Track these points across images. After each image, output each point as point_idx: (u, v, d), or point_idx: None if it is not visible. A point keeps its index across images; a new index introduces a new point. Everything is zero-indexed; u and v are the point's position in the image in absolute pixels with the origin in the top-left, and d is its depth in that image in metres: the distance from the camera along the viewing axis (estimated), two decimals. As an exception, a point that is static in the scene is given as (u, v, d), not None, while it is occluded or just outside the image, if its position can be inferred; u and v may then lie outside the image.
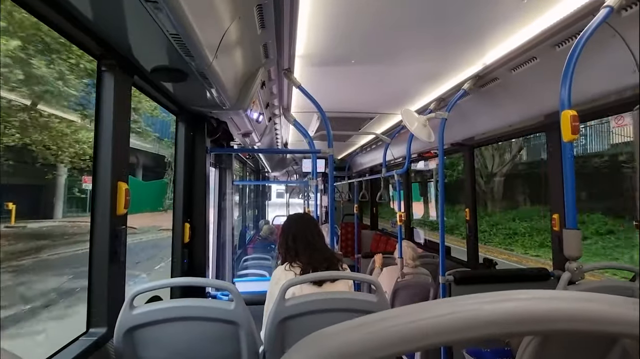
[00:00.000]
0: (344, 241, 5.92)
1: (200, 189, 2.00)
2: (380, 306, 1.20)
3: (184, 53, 1.09)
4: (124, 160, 1.28)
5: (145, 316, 1.10)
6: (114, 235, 1.20)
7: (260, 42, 1.58)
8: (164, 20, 0.91)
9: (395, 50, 1.84)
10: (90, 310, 1.19)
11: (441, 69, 2.07)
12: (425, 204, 12.44)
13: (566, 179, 1.16)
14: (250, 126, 2.34)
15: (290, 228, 1.59)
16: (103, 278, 1.18)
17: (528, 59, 1.73)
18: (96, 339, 1.14)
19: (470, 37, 1.66)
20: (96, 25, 1.02)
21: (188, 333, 1.13)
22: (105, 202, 1.18)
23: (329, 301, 1.20)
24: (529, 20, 1.48)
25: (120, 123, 1.25)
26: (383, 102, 2.83)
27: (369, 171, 5.81)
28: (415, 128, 2.17)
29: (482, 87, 2.12)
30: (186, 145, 1.96)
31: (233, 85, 1.63)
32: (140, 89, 1.45)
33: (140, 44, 1.15)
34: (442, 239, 2.16)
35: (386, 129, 3.62)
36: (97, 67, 1.19)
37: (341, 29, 1.61)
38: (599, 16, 1.18)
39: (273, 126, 3.34)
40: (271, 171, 7.73)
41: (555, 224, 1.97)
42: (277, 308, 1.16)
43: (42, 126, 7.51)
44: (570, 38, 1.49)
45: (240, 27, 1.29)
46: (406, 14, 1.46)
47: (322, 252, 1.50)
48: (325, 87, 2.42)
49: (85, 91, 8.15)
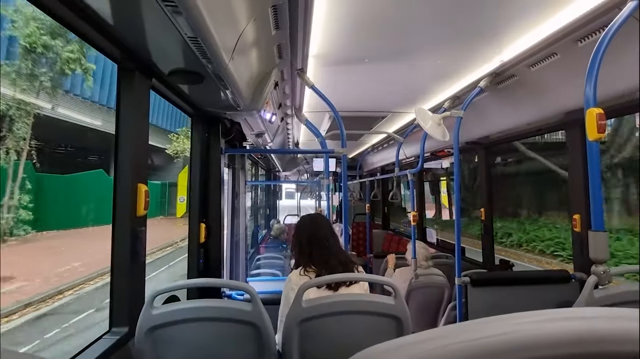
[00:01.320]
0: (355, 240, 5.90)
1: (215, 190, 2.02)
2: (398, 309, 1.18)
3: (202, 55, 1.10)
4: (143, 162, 1.30)
5: (165, 316, 1.12)
6: (135, 236, 1.22)
7: (275, 43, 1.58)
8: (183, 23, 0.91)
9: (409, 48, 1.82)
10: (112, 309, 1.21)
11: (456, 66, 2.03)
12: (437, 204, 12.28)
13: (593, 179, 1.12)
14: (263, 126, 2.35)
15: (304, 230, 1.54)
16: (124, 278, 1.20)
17: (548, 55, 1.68)
18: (118, 338, 1.16)
19: (486, 33, 1.62)
20: (117, 29, 1.04)
21: (206, 333, 1.14)
22: (126, 204, 1.21)
23: (347, 303, 1.19)
24: (549, 14, 1.44)
25: (139, 125, 1.27)
26: (396, 100, 2.80)
27: (381, 170, 5.76)
28: (429, 127, 2.14)
29: (498, 85, 2.08)
30: (201, 146, 1.98)
31: (247, 87, 1.64)
32: (157, 91, 1.47)
33: (158, 48, 1.16)
34: (458, 240, 2.12)
35: (398, 127, 3.58)
36: (117, 71, 1.22)
37: (354, 28, 1.59)
38: (626, 9, 1.14)
39: (285, 125, 3.35)
40: (282, 170, 7.76)
41: (577, 224, 1.91)
42: (294, 309, 1.16)
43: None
44: (593, 33, 1.44)
45: (255, 28, 1.29)
46: (420, 11, 1.44)
47: (338, 256, 1.45)
48: (338, 86, 2.40)
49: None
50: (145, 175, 1.31)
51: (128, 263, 1.20)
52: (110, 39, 1.07)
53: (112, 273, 1.21)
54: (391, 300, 1.20)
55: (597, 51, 1.14)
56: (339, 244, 1.57)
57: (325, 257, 1.43)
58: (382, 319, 1.18)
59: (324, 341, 1.17)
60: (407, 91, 2.55)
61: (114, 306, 1.21)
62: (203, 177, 1.98)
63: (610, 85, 1.47)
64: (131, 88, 1.22)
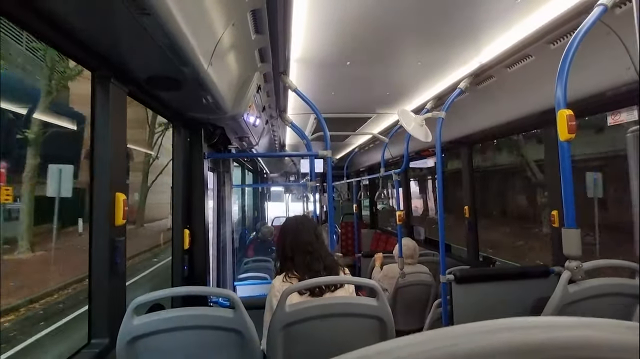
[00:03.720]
0: (344, 240, 5.93)
1: (199, 195, 2.00)
2: (380, 310, 1.20)
3: (178, 62, 1.09)
4: (122, 170, 1.28)
5: (147, 326, 1.10)
6: (113, 246, 1.20)
7: (255, 47, 1.57)
8: (156, 30, 0.90)
9: (391, 50, 1.84)
10: (91, 321, 1.19)
11: (437, 68, 2.07)
12: (424, 202, 12.43)
13: (564, 179, 1.16)
14: (247, 129, 2.34)
15: (288, 234, 1.50)
16: (103, 289, 1.18)
17: (523, 57, 1.73)
18: (98, 351, 1.14)
19: (465, 36, 1.66)
20: (90, 38, 1.02)
21: (190, 341, 1.13)
22: (104, 213, 1.18)
23: (329, 306, 1.20)
24: (523, 18, 1.48)
25: (117, 134, 1.24)
26: (380, 102, 2.83)
27: (368, 170, 5.81)
28: (412, 128, 2.17)
29: (478, 85, 2.12)
30: (184, 151, 1.95)
31: (229, 91, 1.63)
32: (135, 98, 1.44)
33: (134, 55, 1.14)
34: (442, 237, 2.16)
35: (383, 128, 3.62)
36: (91, 79, 1.19)
37: (336, 31, 1.60)
38: (593, 14, 1.18)
39: (271, 127, 3.33)
40: (270, 172, 7.72)
41: (554, 220, 1.98)
42: (278, 314, 1.16)
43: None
44: (565, 36, 1.49)
45: (234, 33, 1.28)
46: (400, 15, 1.46)
47: (323, 261, 1.42)
48: (321, 88, 2.41)
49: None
50: (124, 184, 1.29)
51: (107, 274, 1.18)
52: (83, 48, 1.05)
53: (90, 284, 1.18)
54: (373, 301, 1.21)
55: (567, 54, 1.18)
56: (325, 247, 1.52)
57: (308, 263, 1.39)
58: (365, 321, 1.19)
59: (308, 344, 1.18)
60: (390, 93, 2.58)
61: (92, 317, 1.18)
62: (186, 182, 1.96)
63: (580, 86, 1.52)
64: (107, 95, 1.20)
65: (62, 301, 6.64)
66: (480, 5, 1.39)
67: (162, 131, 15.36)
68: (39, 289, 6.63)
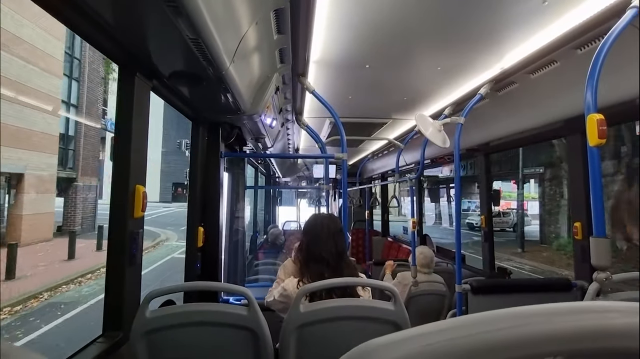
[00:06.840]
0: (355, 247, 5.87)
1: (214, 194, 2.01)
2: (398, 314, 1.16)
3: (202, 58, 1.10)
4: (142, 163, 1.30)
5: (161, 320, 1.10)
6: (132, 238, 1.21)
7: (276, 47, 1.59)
8: (184, 24, 0.91)
9: (410, 54, 1.83)
10: (106, 313, 1.19)
11: (457, 73, 2.04)
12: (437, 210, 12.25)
13: (594, 185, 1.12)
14: (263, 130, 2.35)
15: (307, 234, 1.45)
16: (120, 280, 1.19)
17: (548, 62, 1.69)
18: (112, 342, 1.14)
19: (487, 41, 1.63)
20: (119, 31, 1.04)
21: (202, 337, 1.12)
22: (124, 205, 1.20)
23: (345, 308, 1.17)
24: (549, 22, 1.45)
25: (139, 127, 1.27)
26: (397, 107, 2.80)
27: (381, 177, 5.76)
28: (429, 133, 2.14)
29: (499, 92, 2.08)
30: (201, 149, 1.98)
31: (248, 90, 1.64)
32: (158, 93, 1.47)
33: (159, 50, 1.17)
34: (458, 246, 2.10)
35: (399, 134, 3.59)
36: (118, 73, 1.22)
37: (357, 34, 1.60)
38: (625, 17, 1.14)
39: (286, 131, 3.35)
40: (282, 176, 7.74)
41: (577, 232, 1.90)
42: (292, 315, 1.14)
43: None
44: (593, 40, 1.45)
45: (257, 32, 1.30)
46: (421, 19, 1.45)
47: (341, 272, 1.34)
48: (339, 92, 2.41)
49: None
50: (144, 176, 1.31)
51: (124, 265, 1.19)
52: (112, 41, 1.07)
53: (107, 275, 1.19)
54: (390, 305, 1.18)
55: (597, 58, 1.14)
56: (345, 256, 1.42)
57: (322, 272, 1.34)
58: (381, 325, 1.16)
59: (321, 347, 1.15)
60: (408, 97, 2.56)
61: (108, 309, 1.19)
62: (202, 180, 1.97)
63: (610, 92, 1.47)
64: (132, 89, 1.22)
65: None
66: (504, 9, 1.36)
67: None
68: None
